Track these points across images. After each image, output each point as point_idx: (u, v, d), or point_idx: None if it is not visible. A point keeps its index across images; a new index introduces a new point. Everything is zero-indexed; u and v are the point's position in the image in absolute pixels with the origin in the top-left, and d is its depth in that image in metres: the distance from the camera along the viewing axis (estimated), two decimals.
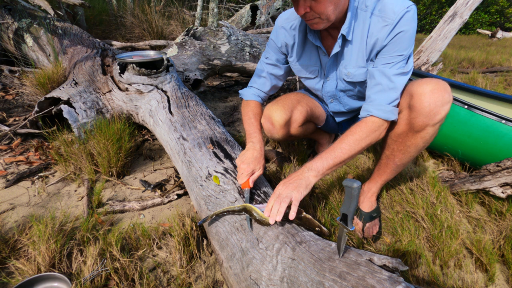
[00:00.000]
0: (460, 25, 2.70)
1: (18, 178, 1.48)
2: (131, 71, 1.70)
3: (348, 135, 1.01)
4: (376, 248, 1.18)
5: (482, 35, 9.76)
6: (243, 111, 1.29)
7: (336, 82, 1.24)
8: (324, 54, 1.17)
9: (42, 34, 2.43)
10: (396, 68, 1.00)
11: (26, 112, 2.12)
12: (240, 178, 1.06)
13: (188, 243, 1.11)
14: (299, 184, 0.93)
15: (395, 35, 0.97)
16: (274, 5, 4.50)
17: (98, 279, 0.98)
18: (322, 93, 1.32)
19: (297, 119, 1.30)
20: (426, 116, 0.98)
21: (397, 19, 0.96)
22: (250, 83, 1.35)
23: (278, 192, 0.94)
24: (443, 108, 0.97)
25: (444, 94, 0.96)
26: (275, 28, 1.24)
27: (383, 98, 1.02)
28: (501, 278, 1.10)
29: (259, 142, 1.16)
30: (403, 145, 1.10)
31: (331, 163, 0.97)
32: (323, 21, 0.97)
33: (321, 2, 0.92)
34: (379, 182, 1.26)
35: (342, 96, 1.30)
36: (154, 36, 3.80)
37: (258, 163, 1.09)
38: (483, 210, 1.39)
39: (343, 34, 1.04)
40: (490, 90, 1.90)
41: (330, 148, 1.01)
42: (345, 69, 1.15)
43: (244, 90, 1.35)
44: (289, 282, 0.78)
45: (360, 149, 1.00)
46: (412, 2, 0.97)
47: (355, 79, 1.15)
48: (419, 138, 1.05)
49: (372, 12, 1.01)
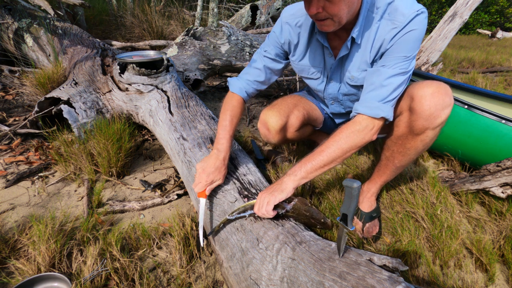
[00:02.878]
0: (460, 25, 2.70)
1: (18, 178, 1.48)
2: (131, 71, 1.70)
3: (332, 138, 0.98)
4: (376, 248, 1.18)
5: (482, 35, 9.75)
6: (224, 106, 1.21)
7: (340, 85, 1.21)
8: (330, 56, 1.13)
9: (42, 34, 2.43)
10: (394, 68, 0.96)
11: (26, 112, 2.12)
12: (198, 187, 1.05)
13: (188, 243, 1.11)
14: (275, 189, 0.95)
15: (401, 37, 0.94)
16: (274, 5, 4.50)
17: (98, 279, 0.98)
18: (324, 95, 1.30)
19: (293, 124, 1.29)
20: (426, 119, 0.97)
21: (406, 22, 0.92)
22: (242, 74, 1.25)
23: (258, 201, 0.96)
24: (444, 112, 0.96)
25: (445, 97, 0.95)
26: (279, 23, 1.18)
27: (372, 96, 0.98)
28: (501, 278, 1.10)
29: (225, 150, 1.11)
30: (402, 147, 1.09)
31: (309, 169, 0.96)
32: (335, 23, 0.93)
33: (336, 3, 0.87)
34: (379, 182, 1.26)
35: (345, 100, 1.27)
36: (154, 36, 3.80)
37: (219, 173, 1.07)
38: (483, 210, 1.39)
39: (353, 37, 1.01)
40: (490, 90, 1.90)
41: (313, 152, 0.98)
42: (349, 73, 1.12)
43: (233, 80, 1.25)
44: (289, 282, 0.78)
45: (342, 153, 0.96)
46: (423, 6, 0.94)
47: (358, 83, 1.13)
48: (419, 141, 1.04)
49: (382, 15, 0.97)
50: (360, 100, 1.01)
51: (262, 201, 0.94)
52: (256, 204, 0.96)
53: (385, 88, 0.96)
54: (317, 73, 1.23)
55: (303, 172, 0.96)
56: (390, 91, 0.96)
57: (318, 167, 0.96)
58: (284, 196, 0.94)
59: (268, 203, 0.93)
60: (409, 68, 0.97)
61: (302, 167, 0.97)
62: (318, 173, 0.98)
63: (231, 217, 0.98)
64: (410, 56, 0.96)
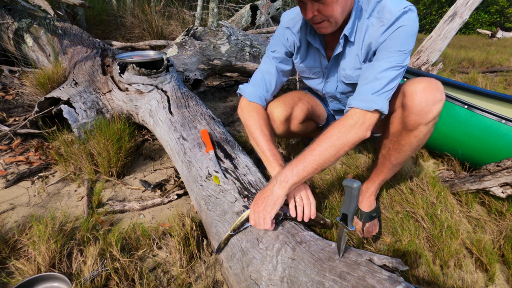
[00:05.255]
0: (460, 25, 2.70)
1: (18, 178, 1.48)
2: (131, 71, 1.70)
3: (323, 135, 0.95)
4: (376, 248, 1.18)
5: (482, 35, 9.76)
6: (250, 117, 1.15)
7: (337, 84, 1.24)
8: (324, 57, 1.16)
9: (42, 34, 2.43)
10: (387, 62, 0.96)
11: (26, 112, 2.12)
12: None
13: (188, 243, 1.11)
14: (267, 204, 0.91)
15: (390, 34, 0.96)
16: (274, 5, 4.50)
17: (98, 279, 0.98)
18: (323, 93, 1.33)
19: (298, 115, 1.30)
20: (418, 114, 0.98)
21: (393, 19, 0.94)
22: (256, 80, 1.22)
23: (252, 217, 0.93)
24: (435, 107, 0.96)
25: (436, 92, 0.96)
26: (281, 28, 1.20)
27: (366, 89, 0.96)
28: (501, 278, 1.10)
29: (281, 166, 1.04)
30: (397, 144, 1.10)
31: (300, 171, 0.92)
32: (331, 24, 0.96)
33: (329, 5, 0.90)
34: (377, 181, 1.26)
35: (343, 98, 1.30)
36: (154, 36, 3.80)
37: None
38: (483, 210, 1.39)
39: (346, 34, 1.03)
40: (490, 90, 1.90)
41: (304, 151, 0.95)
42: (343, 71, 1.15)
43: (246, 88, 1.21)
44: (289, 282, 0.78)
45: (335, 150, 0.92)
46: (410, 3, 0.96)
47: (352, 81, 1.15)
48: (413, 137, 1.05)
49: (370, 13, 1.00)
50: (354, 94, 1.00)
51: (258, 219, 0.91)
52: (251, 219, 0.93)
53: (379, 81, 0.95)
54: (317, 74, 1.27)
55: (294, 177, 0.92)
56: (384, 83, 0.95)
57: (310, 169, 0.93)
58: (278, 208, 0.91)
59: (265, 220, 0.90)
60: (404, 63, 0.97)
61: (293, 170, 0.93)
62: (311, 175, 0.94)
63: (233, 232, 0.97)
64: (404, 51, 0.96)
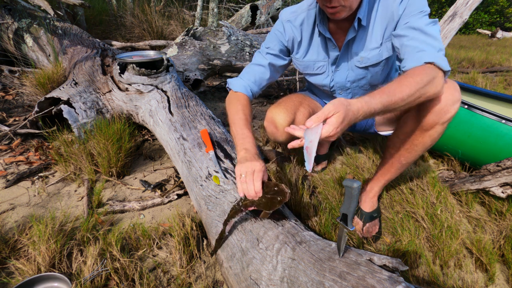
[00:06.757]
0: (460, 25, 2.70)
1: (18, 178, 1.48)
2: (131, 71, 1.70)
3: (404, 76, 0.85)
4: (376, 248, 1.18)
5: (482, 35, 9.76)
6: (232, 104, 1.14)
7: (347, 72, 1.21)
8: (334, 47, 1.15)
9: (42, 34, 2.43)
10: (424, 20, 0.94)
11: (26, 112, 2.12)
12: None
13: (188, 243, 1.11)
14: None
15: (407, 1, 0.97)
16: (274, 5, 4.50)
17: (98, 279, 0.98)
18: (331, 86, 1.29)
19: (301, 121, 1.30)
20: (437, 114, 0.97)
21: None
22: (244, 73, 1.21)
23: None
24: (454, 107, 0.96)
25: (455, 92, 0.96)
26: (280, 22, 1.19)
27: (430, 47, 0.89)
28: (501, 278, 1.10)
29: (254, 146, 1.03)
30: (410, 144, 1.09)
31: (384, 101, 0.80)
32: (346, 8, 0.97)
33: None
34: (382, 181, 1.26)
35: (354, 87, 1.27)
36: (154, 36, 3.80)
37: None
38: (483, 210, 1.39)
39: (360, 17, 1.03)
40: (490, 90, 1.90)
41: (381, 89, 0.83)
42: (357, 55, 1.14)
43: (234, 79, 1.21)
44: (289, 282, 0.78)
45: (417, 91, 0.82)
46: None
47: (368, 63, 1.14)
48: (427, 137, 1.04)
49: None
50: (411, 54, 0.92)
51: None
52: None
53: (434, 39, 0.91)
54: (322, 68, 1.24)
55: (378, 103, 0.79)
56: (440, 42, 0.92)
57: (392, 101, 0.81)
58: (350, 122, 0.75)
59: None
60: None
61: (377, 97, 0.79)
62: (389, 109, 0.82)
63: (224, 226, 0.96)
64: (425, 12, 0.97)
